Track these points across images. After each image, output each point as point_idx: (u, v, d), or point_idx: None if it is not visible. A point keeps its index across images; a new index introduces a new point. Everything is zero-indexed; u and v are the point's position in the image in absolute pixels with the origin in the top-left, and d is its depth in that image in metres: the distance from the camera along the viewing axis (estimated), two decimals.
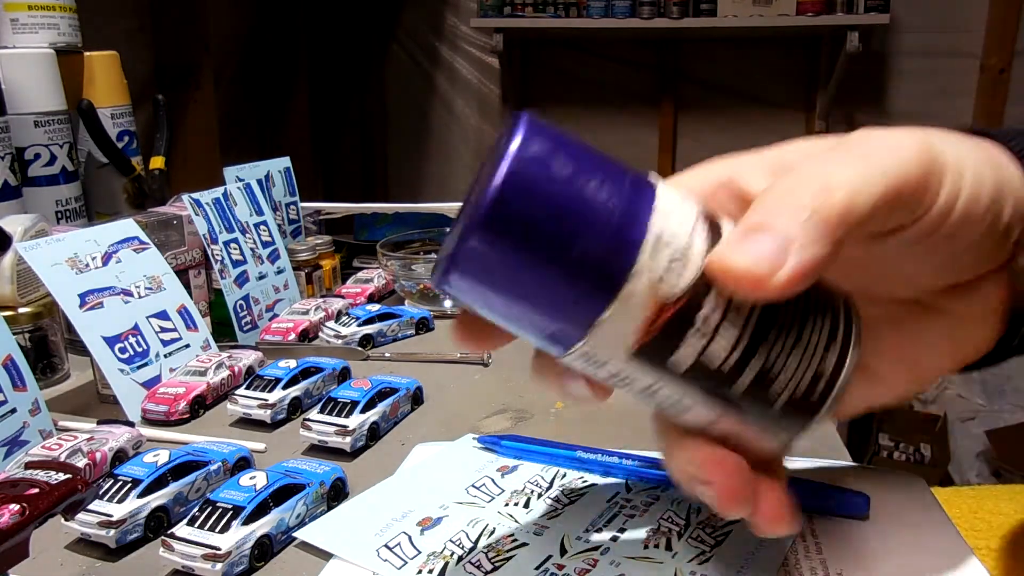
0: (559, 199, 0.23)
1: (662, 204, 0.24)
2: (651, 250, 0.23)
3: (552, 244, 0.23)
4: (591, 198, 0.23)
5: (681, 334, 0.24)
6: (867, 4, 2.08)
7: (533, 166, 0.23)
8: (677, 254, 0.24)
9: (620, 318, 0.24)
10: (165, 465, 0.41)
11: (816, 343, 0.26)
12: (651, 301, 0.24)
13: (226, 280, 0.68)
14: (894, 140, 0.26)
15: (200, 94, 1.88)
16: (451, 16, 2.58)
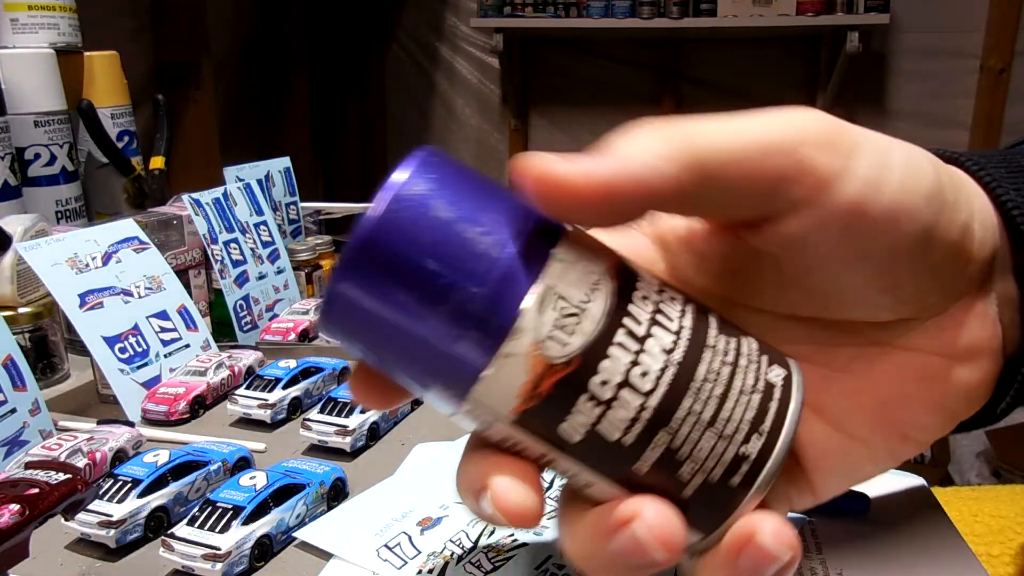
0: (435, 245, 0.21)
1: (562, 254, 0.22)
2: (537, 306, 0.21)
3: (425, 294, 0.21)
4: (471, 245, 0.21)
5: (571, 402, 0.21)
6: (867, 4, 2.09)
7: (410, 207, 0.21)
8: (569, 311, 0.21)
9: (500, 380, 0.21)
10: (165, 465, 0.41)
11: (740, 419, 0.22)
12: (535, 363, 0.21)
13: (226, 280, 0.68)
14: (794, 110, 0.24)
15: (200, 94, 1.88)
16: (451, 16, 2.59)
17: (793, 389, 0.23)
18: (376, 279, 0.21)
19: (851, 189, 0.23)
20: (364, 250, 0.21)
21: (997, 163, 0.28)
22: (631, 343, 0.21)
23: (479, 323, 0.21)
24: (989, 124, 2.31)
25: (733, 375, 0.22)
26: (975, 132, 2.35)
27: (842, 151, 0.24)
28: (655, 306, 0.22)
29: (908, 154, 0.25)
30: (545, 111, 2.59)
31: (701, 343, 0.22)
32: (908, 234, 0.24)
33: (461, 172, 0.22)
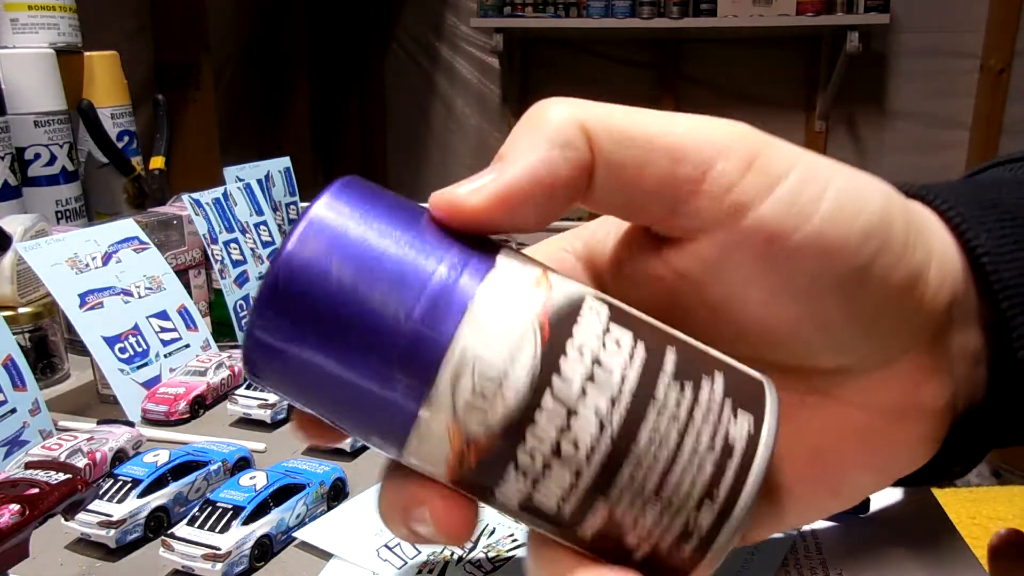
0: (338, 308, 0.19)
1: (482, 308, 0.19)
2: (451, 376, 0.19)
3: (336, 359, 0.19)
4: (377, 309, 0.19)
5: (500, 474, 0.19)
6: (867, 4, 2.09)
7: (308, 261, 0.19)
8: (488, 379, 0.19)
9: (423, 450, 0.20)
10: (165, 465, 0.41)
11: (690, 485, 0.19)
12: (455, 436, 0.19)
13: (226, 280, 0.68)
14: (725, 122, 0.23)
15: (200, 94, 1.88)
16: (451, 16, 2.59)
17: (760, 445, 0.20)
18: (283, 336, 0.19)
19: (768, 214, 0.22)
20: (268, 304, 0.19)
21: (968, 199, 0.26)
22: (560, 409, 0.19)
23: (391, 397, 0.19)
24: (989, 124, 2.32)
25: (684, 434, 0.19)
26: (975, 132, 2.35)
27: (765, 172, 0.22)
28: (593, 357, 0.19)
29: (850, 186, 0.23)
30: None
31: (646, 399, 0.19)
32: (835, 271, 0.22)
33: (379, 207, 0.20)
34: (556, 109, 0.22)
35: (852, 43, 2.10)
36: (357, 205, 0.20)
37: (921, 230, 0.24)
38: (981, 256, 0.24)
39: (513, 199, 0.21)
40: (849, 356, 0.24)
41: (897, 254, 0.23)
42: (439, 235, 0.20)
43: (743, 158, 0.22)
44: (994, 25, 2.27)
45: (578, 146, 0.21)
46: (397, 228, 0.20)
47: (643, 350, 0.20)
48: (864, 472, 0.26)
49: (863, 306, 0.23)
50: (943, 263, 0.24)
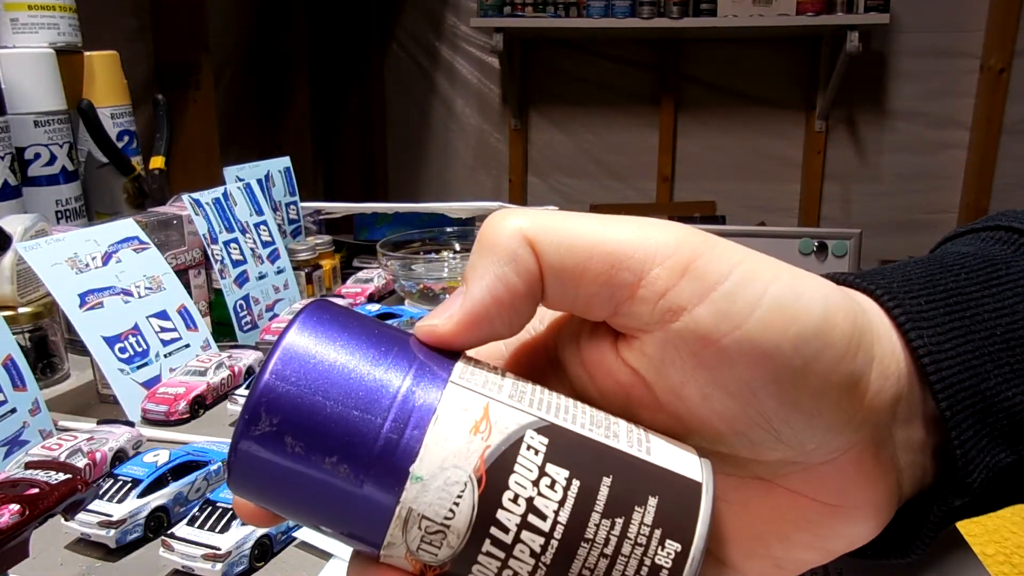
0: (296, 474, 0.21)
1: (423, 469, 0.21)
2: (401, 528, 0.21)
3: (302, 511, 0.22)
4: (331, 473, 0.21)
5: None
6: (867, 4, 2.09)
7: (263, 437, 0.21)
8: (433, 530, 0.21)
9: (392, 565, 0.22)
10: (165, 465, 0.41)
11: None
12: (414, 564, 0.22)
13: (226, 280, 0.68)
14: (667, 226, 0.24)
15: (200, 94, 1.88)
16: (451, 16, 2.59)
17: (685, 569, 0.22)
18: (255, 489, 0.22)
19: (700, 317, 0.23)
20: (236, 469, 0.22)
21: (919, 290, 0.27)
22: (498, 551, 0.21)
23: (356, 535, 0.22)
24: (989, 124, 2.32)
25: (612, 567, 0.22)
26: (975, 132, 2.35)
27: (701, 278, 0.23)
28: (527, 505, 0.21)
29: (789, 291, 0.23)
30: (545, 111, 2.59)
31: (577, 538, 0.21)
32: (768, 373, 0.23)
33: (330, 358, 0.22)
34: (503, 224, 0.24)
35: (852, 43, 2.10)
36: (308, 364, 0.22)
37: (864, 333, 0.25)
38: (923, 356, 0.25)
39: (479, 320, 0.23)
40: (790, 450, 0.25)
41: (836, 358, 0.24)
42: (385, 382, 0.22)
43: (679, 263, 0.23)
44: (994, 25, 2.27)
45: (525, 258, 0.23)
46: (345, 386, 0.22)
47: (576, 488, 0.22)
48: (807, 551, 0.27)
49: (801, 405, 0.24)
50: (886, 364, 0.25)
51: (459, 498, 0.21)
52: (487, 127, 2.66)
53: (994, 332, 0.27)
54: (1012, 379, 0.27)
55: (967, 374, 0.26)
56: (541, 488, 0.22)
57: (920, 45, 2.32)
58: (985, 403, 0.26)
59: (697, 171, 2.52)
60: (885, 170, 2.45)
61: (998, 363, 0.27)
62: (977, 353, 0.27)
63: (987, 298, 0.28)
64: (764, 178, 2.49)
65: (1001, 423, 0.27)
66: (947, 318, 0.27)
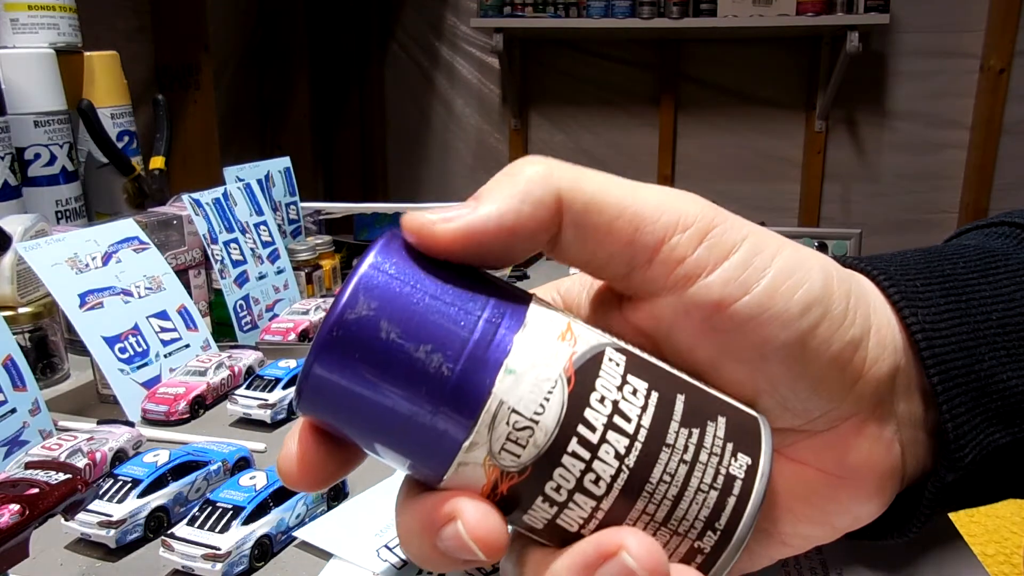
0: (387, 361, 0.21)
1: (516, 362, 0.21)
2: (488, 422, 0.21)
3: (385, 404, 0.21)
4: (423, 362, 0.21)
5: (528, 502, 0.22)
6: (867, 4, 2.09)
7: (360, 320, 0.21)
8: (521, 425, 0.21)
9: (460, 481, 0.22)
10: (165, 465, 0.41)
11: (695, 517, 0.22)
12: (491, 471, 0.22)
13: (226, 280, 0.68)
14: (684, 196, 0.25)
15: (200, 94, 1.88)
16: (451, 16, 2.59)
17: (756, 480, 0.23)
18: (339, 380, 0.21)
19: (714, 284, 0.24)
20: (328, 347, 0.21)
21: (916, 273, 0.28)
22: (584, 451, 0.22)
23: (435, 436, 0.21)
24: (989, 124, 2.32)
25: (690, 474, 0.22)
26: (975, 132, 2.35)
27: (716, 246, 0.24)
28: (613, 407, 0.22)
29: (793, 260, 0.25)
30: (545, 111, 2.59)
31: (659, 443, 0.22)
32: (776, 338, 0.24)
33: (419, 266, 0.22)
34: (534, 168, 0.24)
35: (852, 43, 2.10)
36: (400, 265, 0.22)
37: (860, 303, 0.26)
38: (916, 333, 0.27)
39: (479, 238, 0.23)
40: (796, 418, 0.26)
41: (836, 325, 0.25)
42: (475, 292, 0.22)
43: (697, 232, 0.24)
44: (994, 25, 2.27)
45: (547, 206, 0.23)
46: (437, 288, 0.22)
47: (656, 398, 0.23)
48: (811, 526, 0.28)
49: (806, 371, 0.25)
50: (883, 335, 0.26)
51: (549, 394, 0.21)
52: (487, 127, 2.66)
53: (990, 317, 0.28)
54: (1008, 362, 0.28)
55: (960, 354, 0.27)
56: (625, 393, 0.22)
57: (920, 45, 2.32)
58: (980, 383, 0.27)
59: (697, 171, 2.52)
60: (885, 170, 2.45)
61: (993, 346, 0.28)
62: (972, 335, 0.27)
63: (984, 285, 0.28)
64: (764, 178, 2.49)
65: (996, 403, 0.27)
66: (942, 300, 0.28)
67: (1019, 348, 0.28)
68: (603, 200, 0.24)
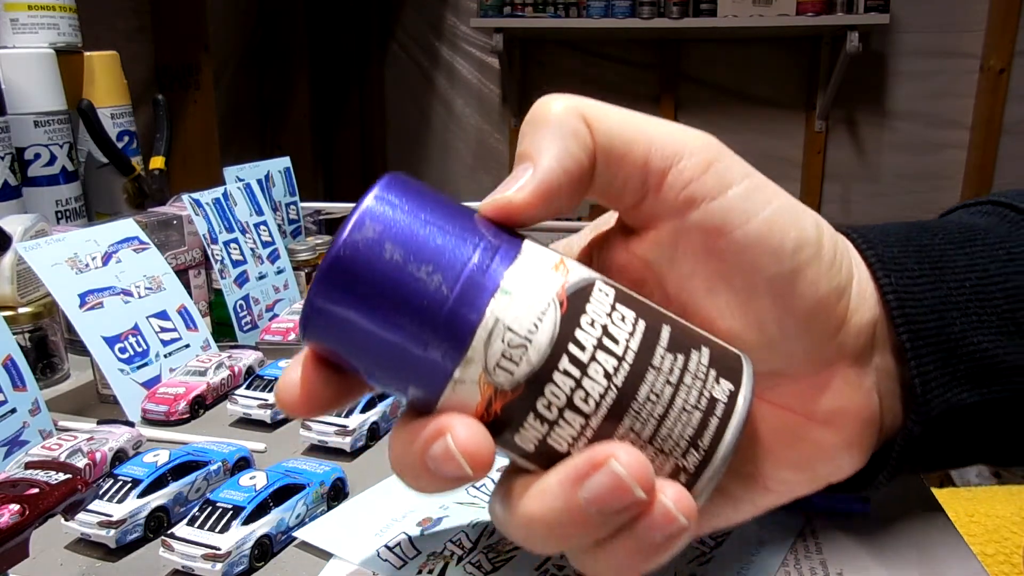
0: (389, 283, 0.22)
1: (511, 284, 0.23)
2: (484, 340, 0.22)
3: (385, 324, 0.23)
4: (425, 278, 0.22)
5: (520, 421, 0.23)
6: (867, 4, 2.09)
7: (365, 242, 0.22)
8: (516, 343, 0.23)
9: (456, 401, 0.23)
10: (165, 465, 0.41)
11: (679, 436, 0.24)
12: (485, 389, 0.23)
13: (226, 280, 0.68)
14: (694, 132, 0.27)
15: (200, 94, 1.88)
16: (451, 16, 2.59)
17: (738, 403, 0.24)
18: (342, 303, 0.23)
19: (716, 210, 0.25)
20: (328, 276, 0.23)
21: (895, 241, 0.30)
22: (574, 370, 0.23)
23: (433, 354, 0.23)
24: (989, 124, 2.31)
25: (675, 394, 0.24)
26: (975, 132, 2.35)
27: (721, 176, 0.26)
28: (602, 330, 0.23)
29: (789, 205, 0.27)
30: None
31: (645, 364, 0.23)
32: (768, 270, 0.26)
33: (421, 200, 0.24)
34: (557, 104, 0.25)
35: (852, 43, 2.10)
36: (403, 197, 0.23)
37: (845, 256, 0.28)
38: (888, 294, 0.28)
39: (551, 191, 0.24)
40: (781, 360, 0.28)
41: (824, 269, 0.26)
42: (474, 226, 0.24)
43: (704, 160, 0.26)
44: (994, 25, 2.27)
45: (585, 134, 0.25)
46: (437, 218, 0.23)
47: (643, 325, 0.24)
48: (793, 471, 0.29)
49: (793, 310, 0.26)
50: (863, 289, 0.28)
51: (543, 314, 0.23)
52: (487, 127, 2.66)
53: (963, 285, 0.29)
54: (979, 327, 0.29)
55: (931, 316, 0.29)
56: (614, 319, 0.24)
57: (920, 45, 2.32)
58: (950, 344, 0.29)
59: None
60: (885, 170, 2.45)
61: (965, 312, 0.29)
62: (944, 301, 0.29)
63: (960, 256, 0.30)
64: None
65: (964, 364, 0.29)
66: (916, 267, 0.29)
67: (991, 315, 0.29)
68: (623, 128, 0.26)
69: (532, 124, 0.25)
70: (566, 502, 0.23)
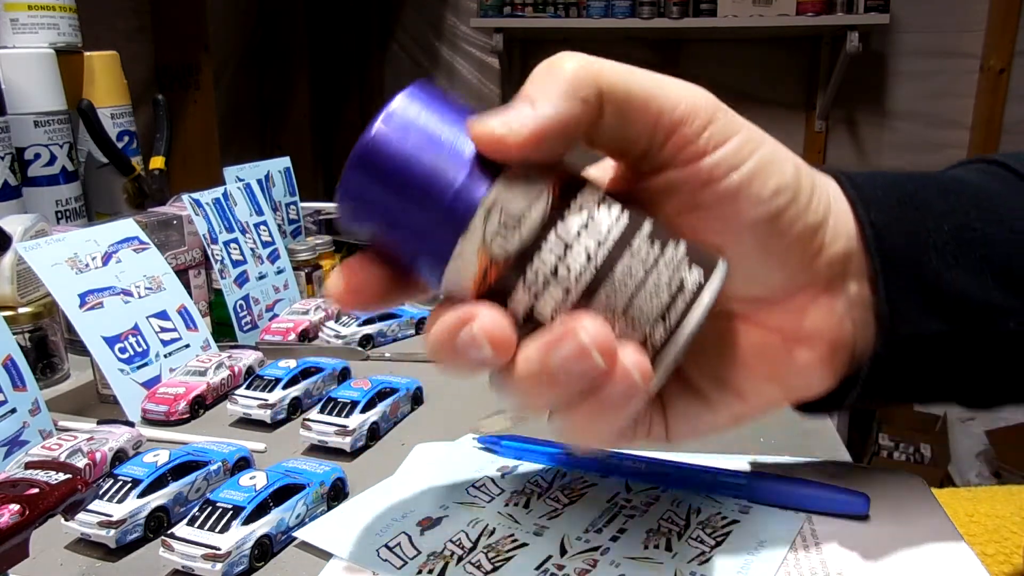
0: (409, 164, 0.26)
1: (512, 172, 0.26)
2: (484, 215, 0.26)
3: (402, 203, 0.27)
4: (438, 166, 0.26)
5: (511, 288, 0.27)
6: (867, 4, 2.08)
7: (391, 133, 0.27)
8: (510, 220, 0.26)
9: (458, 270, 0.27)
10: (165, 465, 0.41)
11: (648, 311, 0.27)
12: (482, 259, 0.27)
13: (226, 280, 0.68)
14: (693, 89, 0.30)
15: (200, 94, 1.88)
16: (451, 16, 2.58)
17: (705, 292, 0.27)
18: (369, 182, 0.27)
19: (706, 166, 0.29)
20: (357, 160, 0.27)
21: (878, 186, 0.32)
22: (560, 243, 0.26)
23: (440, 229, 0.26)
24: (989, 124, 2.31)
25: (648, 275, 0.27)
26: (975, 132, 2.35)
27: (717, 134, 0.29)
28: (588, 215, 0.27)
29: (772, 153, 0.30)
30: None
31: (624, 248, 0.27)
32: (750, 214, 0.29)
33: (442, 103, 0.27)
34: (572, 62, 0.27)
35: (852, 43, 2.10)
36: (428, 97, 0.27)
37: (822, 196, 0.31)
38: (865, 227, 0.31)
39: (546, 135, 0.26)
40: (761, 288, 0.31)
41: (801, 209, 0.30)
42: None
43: (705, 120, 0.29)
44: (994, 25, 2.27)
45: (593, 95, 0.27)
46: (454, 117, 0.27)
47: (627, 216, 0.27)
48: (767, 383, 0.32)
49: (771, 247, 0.30)
50: (839, 225, 0.31)
51: (537, 198, 0.27)
52: None
53: (941, 227, 0.32)
54: (954, 265, 0.32)
55: (906, 251, 0.31)
56: (600, 208, 0.27)
57: (920, 45, 2.32)
58: (922, 278, 0.31)
59: None
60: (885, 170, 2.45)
61: (941, 251, 0.32)
62: (921, 239, 0.32)
63: (941, 201, 0.33)
64: None
65: (935, 297, 0.32)
66: (897, 207, 0.32)
67: (966, 258, 0.32)
68: (636, 88, 0.28)
69: (542, 74, 0.27)
70: (541, 365, 0.26)
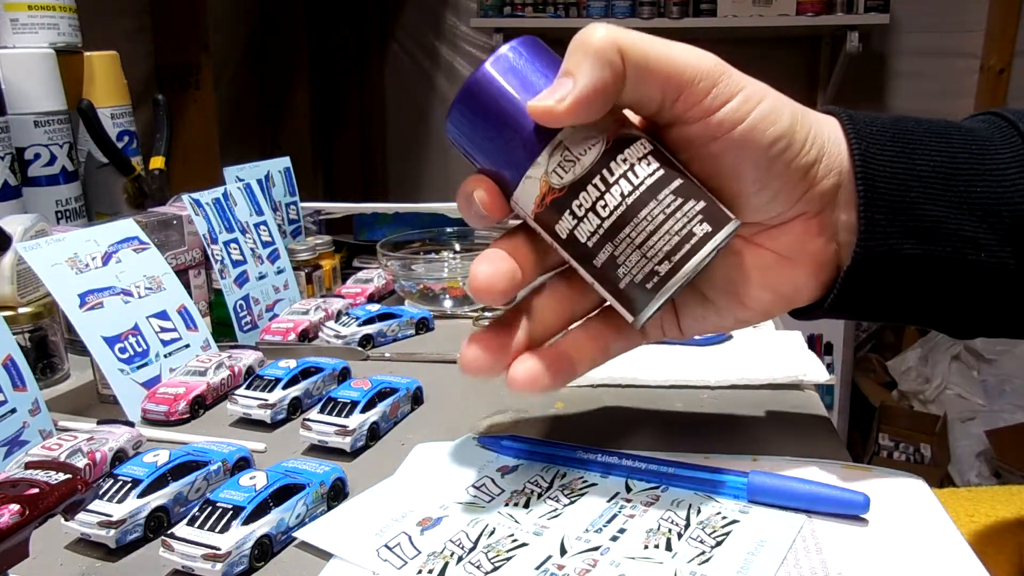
0: (502, 103, 0.35)
1: (576, 125, 0.34)
2: (550, 151, 0.35)
3: (496, 129, 0.35)
4: (522, 112, 0.34)
5: (560, 213, 0.35)
6: (867, 4, 2.08)
7: (491, 77, 0.35)
8: (569, 158, 0.34)
9: (526, 190, 0.36)
10: (165, 465, 0.41)
11: (660, 248, 0.34)
12: (543, 185, 0.35)
13: (226, 280, 0.68)
14: (701, 54, 0.35)
15: (200, 94, 1.88)
16: (451, 16, 2.59)
17: (709, 243, 0.34)
18: (471, 112, 0.36)
19: (713, 122, 0.35)
20: (464, 94, 0.35)
21: (876, 127, 0.37)
22: (601, 186, 0.34)
23: (519, 156, 0.35)
24: None
25: (665, 221, 0.34)
26: None
27: (723, 93, 0.34)
28: (629, 166, 0.34)
29: (771, 105, 0.35)
30: None
31: (651, 196, 0.34)
32: (752, 160, 0.35)
33: (538, 56, 0.36)
34: (599, 33, 0.33)
35: (852, 43, 2.10)
36: (529, 49, 0.36)
37: (817, 137, 0.36)
38: (856, 157, 0.36)
39: (586, 103, 0.33)
40: (761, 216, 0.38)
41: (796, 152, 0.36)
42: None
43: (712, 80, 0.34)
44: (994, 25, 2.27)
45: (618, 62, 0.33)
46: (543, 72, 0.35)
47: (661, 173, 0.35)
48: (765, 291, 0.39)
49: (769, 185, 0.36)
50: (832, 160, 0.37)
51: (592, 145, 0.35)
52: None
53: (929, 164, 0.37)
54: (937, 198, 0.36)
55: (892, 181, 0.36)
56: (641, 163, 0.35)
57: (920, 45, 2.32)
58: (903, 205, 0.36)
59: None
60: None
61: (926, 185, 0.36)
62: (907, 172, 0.36)
63: (935, 142, 0.37)
64: None
65: (913, 223, 0.36)
66: (890, 144, 0.37)
67: (950, 193, 0.36)
68: (650, 53, 0.34)
69: (576, 48, 0.33)
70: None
